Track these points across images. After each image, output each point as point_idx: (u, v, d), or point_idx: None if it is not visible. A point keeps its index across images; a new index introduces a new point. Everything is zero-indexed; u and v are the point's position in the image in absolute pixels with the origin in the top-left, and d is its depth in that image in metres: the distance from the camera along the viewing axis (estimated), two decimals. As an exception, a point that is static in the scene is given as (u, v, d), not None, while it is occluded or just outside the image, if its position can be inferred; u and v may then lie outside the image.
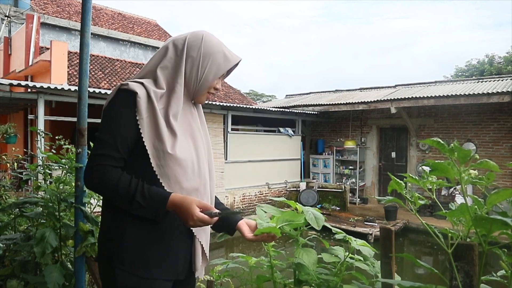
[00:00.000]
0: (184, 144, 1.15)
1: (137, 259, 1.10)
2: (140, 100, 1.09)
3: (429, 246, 8.12)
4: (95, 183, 1.08)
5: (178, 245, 1.16)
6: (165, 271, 1.13)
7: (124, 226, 1.10)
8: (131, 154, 1.11)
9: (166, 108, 1.14)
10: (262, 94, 31.76)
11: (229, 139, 9.77)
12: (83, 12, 1.82)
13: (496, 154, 9.17)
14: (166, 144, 1.09)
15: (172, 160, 1.10)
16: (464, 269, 0.91)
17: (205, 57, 1.18)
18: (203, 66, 1.18)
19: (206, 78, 1.19)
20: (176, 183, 1.11)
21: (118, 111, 1.10)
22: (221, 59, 1.20)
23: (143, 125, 1.09)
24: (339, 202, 10.63)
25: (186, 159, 1.13)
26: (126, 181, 1.07)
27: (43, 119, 7.00)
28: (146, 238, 1.11)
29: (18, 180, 2.57)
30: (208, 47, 1.19)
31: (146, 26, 17.15)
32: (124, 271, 1.09)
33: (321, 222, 1.49)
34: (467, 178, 0.95)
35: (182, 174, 1.12)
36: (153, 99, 1.11)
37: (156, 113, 1.10)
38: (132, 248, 1.10)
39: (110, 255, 1.11)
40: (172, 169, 1.10)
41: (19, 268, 1.89)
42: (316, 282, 1.52)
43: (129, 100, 1.10)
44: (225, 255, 7.01)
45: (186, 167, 1.13)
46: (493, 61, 22.73)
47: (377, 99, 10.09)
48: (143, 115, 1.09)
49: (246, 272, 1.79)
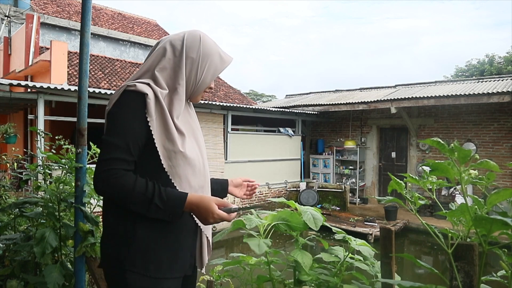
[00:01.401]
0: (190, 143, 1.17)
1: (148, 260, 1.10)
2: (150, 101, 1.08)
3: (429, 246, 8.12)
4: (109, 188, 1.05)
5: (185, 242, 1.18)
6: (176, 269, 1.15)
7: (134, 229, 1.09)
8: (140, 156, 1.11)
9: (170, 109, 1.14)
10: (262, 94, 31.77)
11: (229, 139, 9.77)
12: (83, 12, 1.82)
13: (496, 154, 9.17)
14: (177, 144, 1.11)
15: (183, 160, 1.12)
16: (464, 269, 0.91)
17: (204, 59, 1.19)
18: (202, 67, 1.19)
19: (204, 79, 1.21)
20: (186, 182, 1.14)
21: (127, 112, 1.08)
22: (218, 60, 1.22)
23: (154, 126, 1.09)
24: (339, 202, 10.63)
25: (194, 158, 1.16)
26: (142, 184, 1.05)
27: (43, 119, 6.99)
28: (156, 238, 1.11)
29: (18, 180, 2.57)
30: (206, 48, 1.20)
31: (146, 26, 17.15)
32: (136, 273, 1.09)
33: (319, 222, 1.49)
34: (467, 178, 0.95)
35: (191, 173, 1.15)
36: (160, 99, 1.11)
37: (165, 113, 1.11)
38: (144, 250, 1.10)
39: (120, 259, 1.10)
40: (183, 169, 1.12)
41: (19, 268, 1.89)
42: (316, 282, 1.52)
43: (138, 101, 1.08)
44: (225, 255, 7.01)
45: (194, 166, 1.16)
46: (493, 61, 22.73)
47: (377, 99, 10.09)
48: (153, 116, 1.09)
49: (246, 272, 1.79)
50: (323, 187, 11.05)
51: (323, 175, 11.88)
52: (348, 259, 1.57)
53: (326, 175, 11.83)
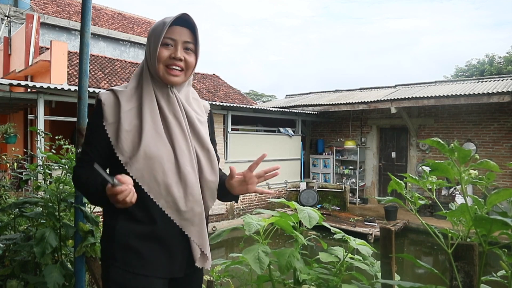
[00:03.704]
0: (157, 139, 1.13)
1: (128, 256, 1.11)
2: (105, 106, 1.15)
3: (429, 246, 8.12)
4: (74, 184, 1.24)
5: (172, 245, 1.15)
6: (159, 269, 1.14)
7: (115, 224, 1.13)
8: (111, 159, 1.15)
9: (138, 105, 1.16)
10: (262, 94, 31.75)
11: (229, 139, 9.77)
12: (83, 12, 1.82)
13: (496, 154, 9.17)
14: (133, 143, 1.12)
15: (142, 158, 1.10)
16: (464, 269, 0.91)
17: (149, 35, 1.21)
18: (149, 43, 1.20)
19: (153, 50, 1.17)
20: (151, 179, 1.11)
21: (90, 120, 1.21)
22: (160, 26, 1.17)
23: (110, 130, 1.14)
24: (339, 202, 10.62)
25: (159, 155, 1.12)
26: (88, 176, 1.13)
27: (43, 119, 7.00)
28: (137, 236, 1.12)
29: (18, 180, 2.57)
30: (152, 27, 1.21)
31: (146, 26, 17.15)
32: (117, 267, 1.12)
33: (313, 221, 1.49)
34: (467, 178, 0.95)
35: (157, 170, 1.11)
36: (121, 102, 1.14)
37: (120, 116, 1.13)
38: (123, 246, 1.11)
39: (105, 253, 1.16)
40: (143, 167, 1.11)
41: (19, 268, 1.89)
42: (316, 282, 1.52)
43: (98, 107, 1.16)
44: (225, 255, 7.01)
45: (160, 163, 1.12)
46: (493, 61, 22.71)
47: (377, 99, 10.08)
48: (110, 121, 1.14)
49: (246, 272, 1.80)
50: (323, 187, 11.05)
51: (323, 175, 11.88)
52: (347, 259, 1.58)
53: (326, 175, 11.83)
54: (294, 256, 1.49)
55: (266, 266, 1.44)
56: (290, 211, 7.41)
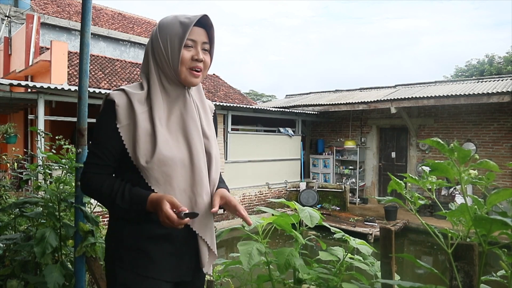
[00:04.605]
0: (173, 143, 1.12)
1: (136, 259, 1.11)
2: (118, 108, 1.11)
3: (429, 246, 8.12)
4: (84, 191, 1.16)
5: (180, 248, 1.15)
6: (167, 273, 1.13)
7: (124, 228, 1.12)
8: (122, 162, 1.13)
9: (151, 108, 1.12)
10: (262, 94, 31.75)
11: (229, 139, 9.77)
12: (83, 12, 1.82)
13: (496, 154, 9.17)
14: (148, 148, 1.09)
15: (157, 163, 1.08)
16: (464, 269, 0.91)
17: (162, 34, 1.15)
18: (164, 43, 1.14)
19: (172, 52, 1.13)
20: (166, 184, 1.10)
21: (100, 121, 1.14)
22: (178, 27, 1.13)
23: (124, 133, 1.11)
24: (339, 202, 10.62)
25: (174, 159, 1.10)
26: (110, 185, 1.10)
27: (43, 119, 6.99)
28: (149, 238, 1.11)
29: (18, 180, 2.57)
30: (162, 26, 1.16)
31: (146, 26, 17.15)
32: (125, 269, 1.11)
33: (315, 220, 1.50)
34: (467, 178, 0.95)
35: (172, 175, 1.10)
36: (134, 104, 1.11)
37: (136, 118, 1.10)
38: (132, 249, 1.11)
39: (111, 255, 1.15)
40: (158, 172, 1.09)
41: (19, 268, 1.89)
42: (316, 282, 1.53)
43: (110, 109, 1.12)
44: (225, 255, 7.00)
45: (176, 167, 1.10)
46: (493, 61, 22.71)
47: (377, 99, 10.09)
48: (123, 123, 1.11)
49: (246, 272, 1.80)
50: (323, 187, 11.05)
51: (323, 175, 11.88)
52: (347, 259, 1.58)
53: (326, 175, 11.83)
54: (293, 255, 1.49)
55: (255, 264, 1.43)
56: (290, 211, 7.41)
